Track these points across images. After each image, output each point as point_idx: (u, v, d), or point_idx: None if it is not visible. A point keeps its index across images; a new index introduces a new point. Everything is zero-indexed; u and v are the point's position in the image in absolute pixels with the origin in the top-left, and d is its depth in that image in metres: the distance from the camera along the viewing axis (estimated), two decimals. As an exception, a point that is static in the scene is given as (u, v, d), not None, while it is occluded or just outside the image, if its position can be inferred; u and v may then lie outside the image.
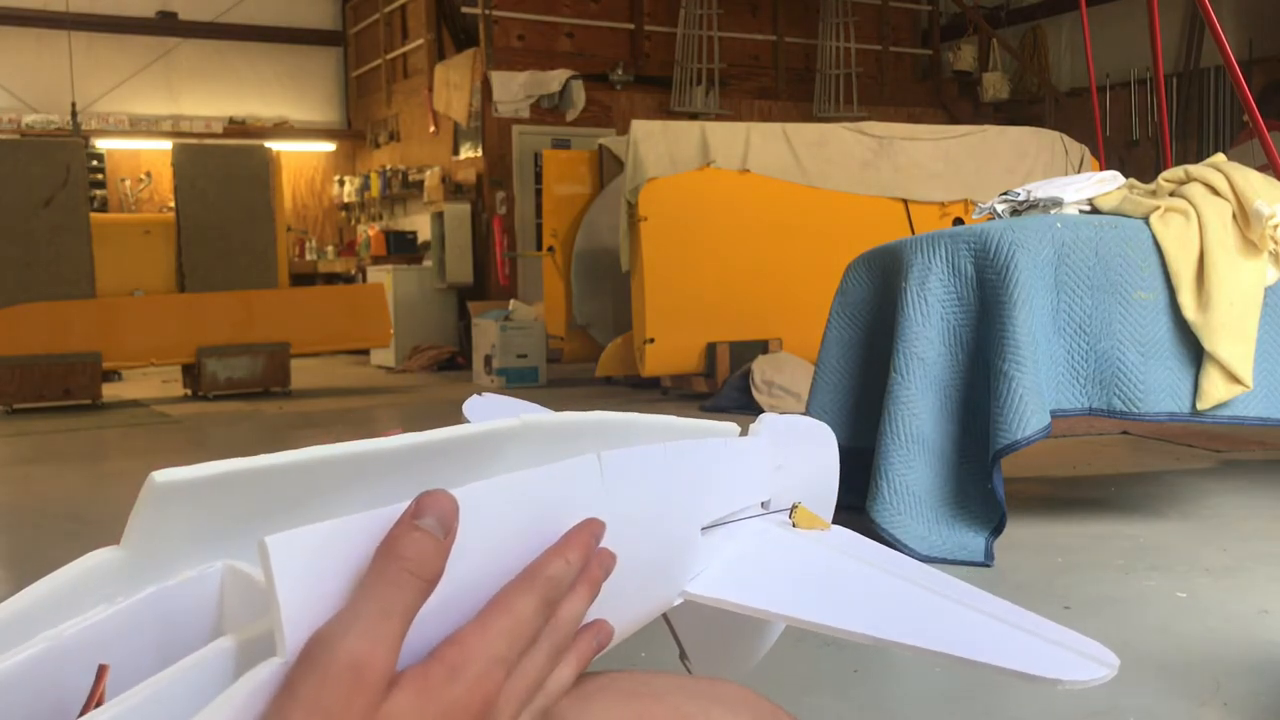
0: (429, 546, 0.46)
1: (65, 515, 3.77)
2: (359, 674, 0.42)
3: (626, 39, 11.04)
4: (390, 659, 0.44)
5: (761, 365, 6.10)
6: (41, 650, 0.46)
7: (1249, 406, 2.92)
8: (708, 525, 0.70)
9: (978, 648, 0.62)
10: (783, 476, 0.80)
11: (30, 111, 11.67)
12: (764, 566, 0.72)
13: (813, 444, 0.88)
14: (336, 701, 0.42)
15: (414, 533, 0.46)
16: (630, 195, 6.52)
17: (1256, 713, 1.74)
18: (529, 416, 0.57)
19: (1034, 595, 2.45)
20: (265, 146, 8.28)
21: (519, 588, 0.50)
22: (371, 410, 6.90)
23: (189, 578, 0.50)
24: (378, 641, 0.43)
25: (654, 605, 0.67)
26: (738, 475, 0.75)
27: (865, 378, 3.17)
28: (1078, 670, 0.59)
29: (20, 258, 6.97)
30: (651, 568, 0.64)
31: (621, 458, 0.61)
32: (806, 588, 0.71)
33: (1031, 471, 3.91)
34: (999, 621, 0.65)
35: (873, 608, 0.68)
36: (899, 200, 7.12)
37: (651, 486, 0.65)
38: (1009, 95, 12.28)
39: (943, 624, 0.66)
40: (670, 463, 0.66)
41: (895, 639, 0.63)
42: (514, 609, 0.49)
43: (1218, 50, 3.95)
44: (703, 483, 0.71)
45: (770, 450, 0.80)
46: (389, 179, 12.00)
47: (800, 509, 0.79)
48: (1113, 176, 3.27)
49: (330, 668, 0.42)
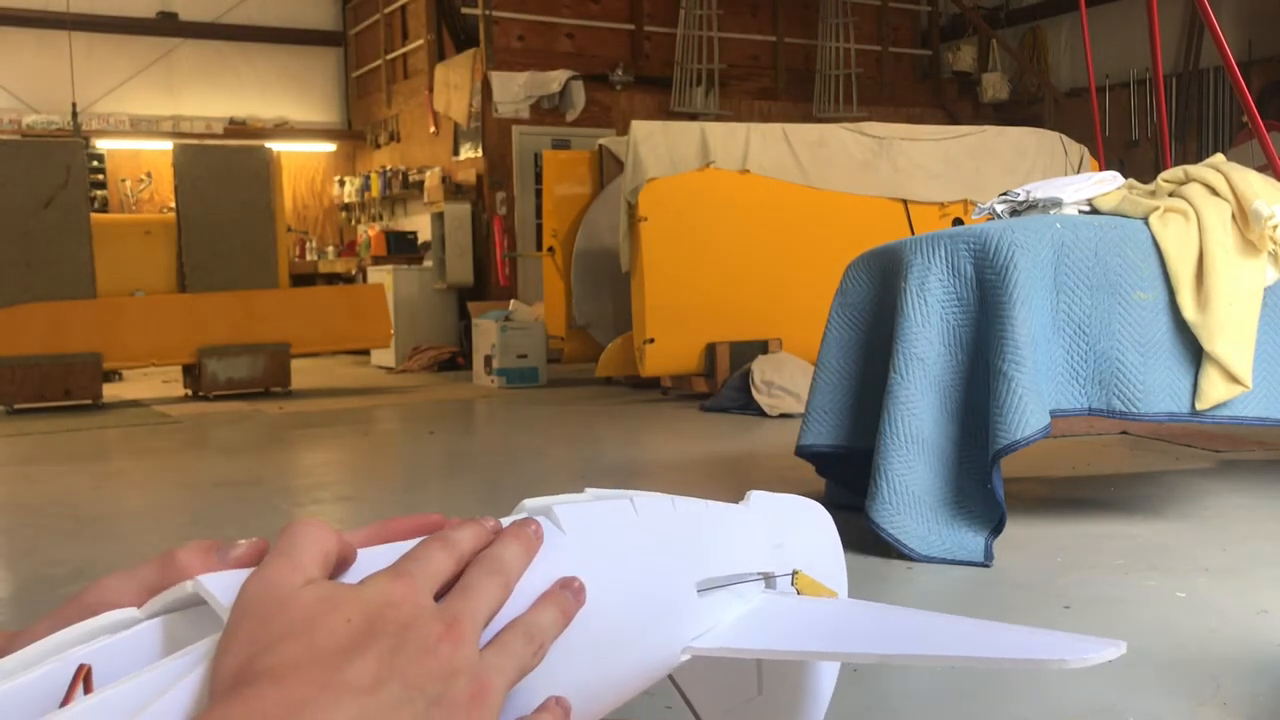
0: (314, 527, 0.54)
1: (65, 515, 3.78)
2: (275, 582, 0.49)
3: (626, 39, 11.05)
4: (304, 571, 0.50)
5: (761, 365, 6.10)
6: (47, 670, 0.48)
7: (1248, 406, 2.92)
8: (704, 583, 0.70)
9: (984, 647, 0.63)
10: (784, 554, 0.80)
11: (31, 112, 11.68)
12: (771, 622, 0.72)
13: (809, 526, 0.87)
14: (254, 600, 0.49)
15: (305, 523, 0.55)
16: (630, 196, 6.52)
17: (1256, 713, 1.74)
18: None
19: (1034, 595, 2.46)
20: (266, 147, 8.29)
21: (418, 543, 0.56)
22: (372, 410, 6.90)
23: (195, 610, 0.52)
24: (289, 562, 0.50)
25: (651, 658, 0.66)
26: (731, 537, 0.75)
27: (865, 378, 3.17)
28: (1084, 651, 0.60)
29: (21, 258, 6.97)
30: (633, 614, 0.64)
31: (580, 511, 0.63)
32: (816, 632, 0.71)
33: (1031, 471, 3.92)
34: (1004, 631, 0.67)
35: (883, 635, 0.69)
36: (899, 201, 7.13)
37: (623, 535, 0.65)
38: (1008, 96, 12.28)
39: (949, 635, 0.67)
40: (642, 514, 0.67)
41: (904, 652, 0.64)
42: (414, 551, 0.55)
43: (1217, 51, 3.95)
44: (688, 538, 0.71)
45: (766, 526, 0.80)
46: (389, 179, 12.00)
47: (802, 575, 0.79)
48: (1112, 177, 3.27)
49: (248, 585, 0.50)
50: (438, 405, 7.05)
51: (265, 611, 0.48)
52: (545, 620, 0.56)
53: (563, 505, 0.63)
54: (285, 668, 0.46)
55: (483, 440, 5.72)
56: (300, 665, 0.46)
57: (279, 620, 0.48)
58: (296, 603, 0.48)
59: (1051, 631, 0.65)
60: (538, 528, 0.60)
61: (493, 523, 0.60)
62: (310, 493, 4.17)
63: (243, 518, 3.68)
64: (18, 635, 0.59)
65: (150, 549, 3.32)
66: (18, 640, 0.59)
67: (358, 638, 0.48)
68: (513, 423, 6.08)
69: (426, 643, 0.50)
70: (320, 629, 0.48)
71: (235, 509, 3.84)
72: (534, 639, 0.55)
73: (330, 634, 0.48)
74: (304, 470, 4.89)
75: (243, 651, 0.47)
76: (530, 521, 0.60)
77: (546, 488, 4.09)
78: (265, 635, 0.47)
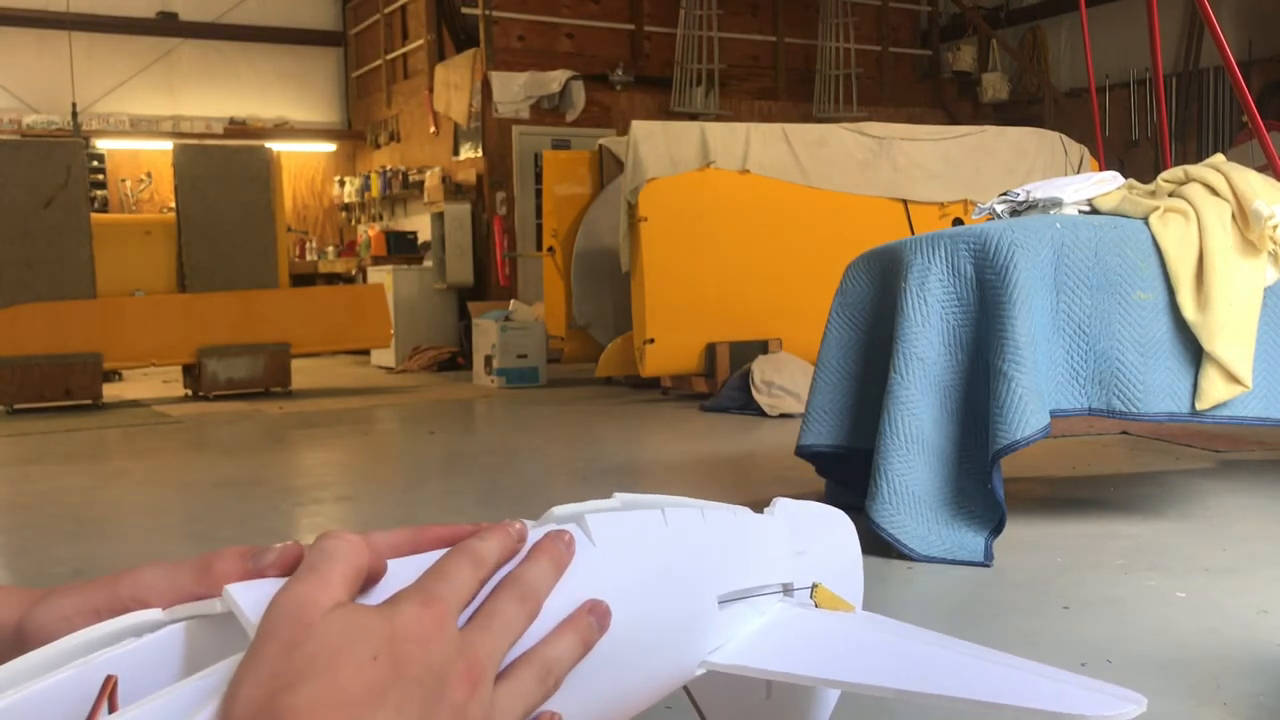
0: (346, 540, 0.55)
1: (65, 515, 3.78)
2: (303, 604, 0.49)
3: (626, 39, 11.05)
4: (332, 592, 0.50)
5: (761, 365, 6.10)
6: (71, 675, 0.49)
7: (1248, 406, 2.92)
8: (725, 597, 0.70)
9: (1006, 692, 0.63)
10: (805, 562, 0.80)
11: (31, 112, 11.68)
12: (788, 638, 0.72)
13: (833, 535, 0.88)
14: (281, 623, 0.48)
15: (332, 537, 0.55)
16: (630, 196, 6.52)
17: (1256, 713, 1.74)
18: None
19: (1033, 595, 2.46)
20: (266, 147, 8.29)
21: (443, 555, 0.57)
22: (371, 410, 6.90)
23: (216, 614, 0.53)
24: (318, 581, 0.50)
25: (669, 672, 0.66)
26: (755, 549, 0.75)
27: (865, 378, 3.17)
28: (1105, 707, 0.60)
29: (21, 258, 6.97)
30: (656, 630, 0.64)
31: (611, 521, 0.62)
32: (832, 654, 0.71)
33: (1031, 471, 3.92)
34: (1025, 671, 0.66)
35: (900, 666, 0.68)
36: (899, 200, 7.13)
37: (651, 549, 0.65)
38: (1008, 96, 12.28)
39: (970, 675, 0.67)
40: (673, 527, 0.66)
41: (925, 690, 0.64)
42: (441, 566, 0.55)
43: (1217, 51, 3.95)
44: (713, 551, 0.71)
45: (789, 535, 0.80)
46: (389, 179, 12.00)
47: (821, 589, 0.78)
48: (1112, 177, 3.27)
49: (276, 603, 0.49)
50: (438, 405, 7.05)
51: (291, 636, 0.47)
52: (563, 652, 0.56)
53: (595, 515, 0.62)
54: (306, 712, 0.45)
55: (483, 440, 5.72)
56: (320, 712, 0.46)
57: (303, 650, 0.47)
58: (323, 632, 0.48)
59: (1069, 676, 0.64)
60: (570, 540, 0.59)
61: (520, 526, 0.59)
62: (310, 493, 4.17)
63: (243, 518, 3.68)
64: (43, 598, 0.60)
65: (150, 549, 3.32)
66: (42, 605, 0.59)
67: (381, 684, 0.48)
68: (513, 423, 6.08)
69: (446, 691, 0.50)
70: (345, 667, 0.47)
71: (235, 509, 3.83)
72: (549, 676, 0.55)
73: (355, 674, 0.47)
74: (304, 470, 4.89)
75: (264, 684, 0.46)
76: (563, 534, 0.59)
77: (546, 488, 4.09)
78: (288, 667, 0.46)
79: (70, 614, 0.57)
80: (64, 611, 0.58)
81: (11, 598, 0.60)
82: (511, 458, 4.90)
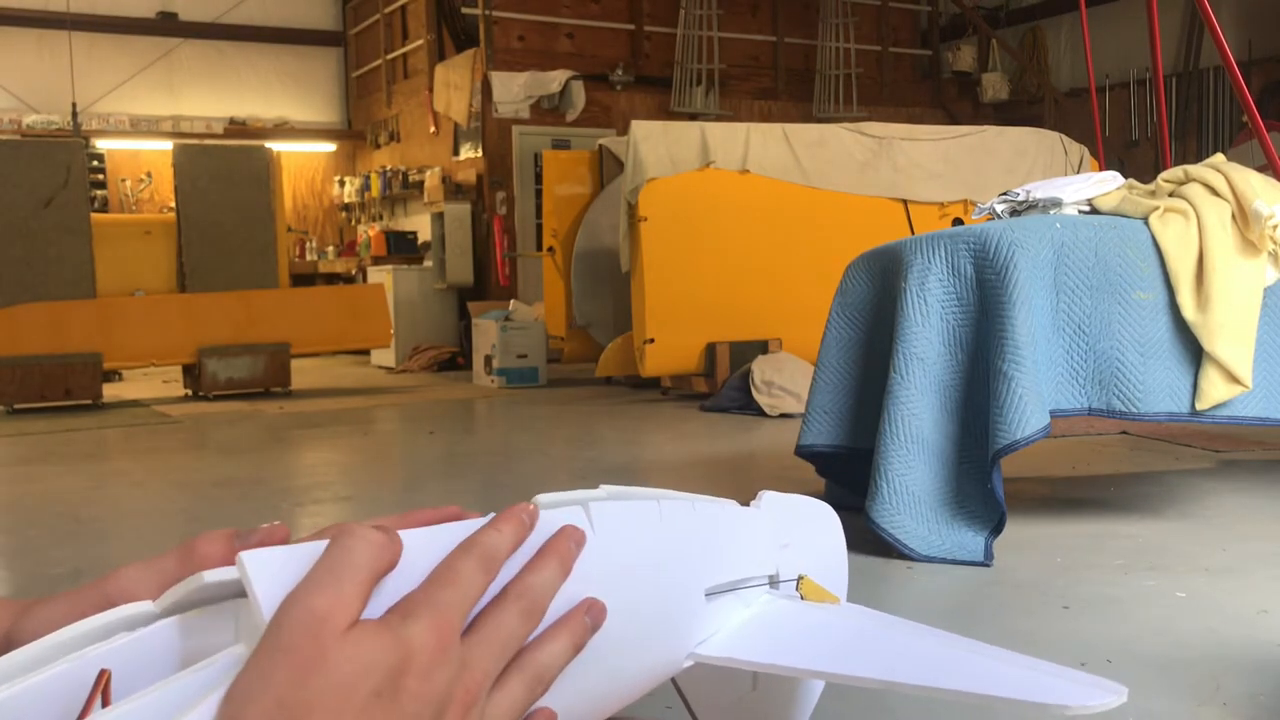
0: (375, 534, 0.53)
1: (65, 515, 3.78)
2: (319, 621, 0.47)
3: (626, 39, 11.05)
4: (349, 608, 0.48)
5: (761, 365, 6.10)
6: (63, 670, 0.48)
7: (1248, 406, 2.92)
8: (712, 589, 0.70)
9: (988, 683, 0.63)
10: (790, 555, 0.80)
11: (31, 112, 11.68)
12: (774, 630, 0.72)
13: (817, 527, 0.88)
14: (295, 641, 0.46)
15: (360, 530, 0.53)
16: (630, 196, 6.52)
17: (1256, 713, 1.74)
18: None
19: (1033, 595, 2.46)
20: (266, 147, 8.29)
21: (455, 552, 0.55)
22: (371, 410, 6.90)
23: (210, 610, 0.52)
24: (337, 594, 0.48)
25: (658, 664, 0.66)
26: (741, 541, 0.75)
27: (865, 378, 3.17)
28: (1085, 697, 0.60)
29: (21, 258, 6.97)
30: (647, 623, 0.64)
31: (612, 510, 0.62)
32: (817, 645, 0.71)
33: (1031, 471, 3.92)
34: (1006, 663, 0.66)
35: (884, 657, 0.69)
36: (899, 200, 7.13)
37: (646, 541, 0.65)
38: (1008, 96, 12.28)
39: (953, 666, 0.67)
40: (666, 519, 0.67)
41: (907, 680, 0.64)
42: (453, 567, 0.54)
43: (1217, 51, 3.95)
44: (703, 544, 0.71)
45: (774, 528, 0.80)
46: (389, 179, 12.00)
47: (806, 581, 0.79)
48: (1112, 177, 3.27)
49: (291, 613, 0.47)
50: (438, 405, 7.05)
51: (304, 661, 0.46)
52: (555, 657, 0.56)
53: (599, 503, 0.62)
54: None
55: (483, 440, 5.72)
56: None
57: (314, 684, 0.46)
58: (336, 663, 0.47)
59: (1053, 667, 0.64)
60: (582, 540, 0.58)
61: (533, 509, 0.58)
62: (310, 493, 4.17)
63: (243, 518, 3.68)
64: (31, 607, 0.59)
65: (150, 549, 3.31)
66: (31, 614, 0.59)
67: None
68: (513, 423, 6.08)
69: (441, 718, 0.50)
70: (348, 711, 0.47)
71: (235, 509, 3.83)
72: (538, 684, 0.55)
73: (356, 716, 0.47)
74: (304, 470, 4.89)
75: (270, 714, 0.45)
76: (576, 532, 0.59)
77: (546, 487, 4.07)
78: (298, 700, 0.45)
79: (60, 622, 0.57)
80: (54, 620, 0.57)
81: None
82: (511, 458, 4.90)
